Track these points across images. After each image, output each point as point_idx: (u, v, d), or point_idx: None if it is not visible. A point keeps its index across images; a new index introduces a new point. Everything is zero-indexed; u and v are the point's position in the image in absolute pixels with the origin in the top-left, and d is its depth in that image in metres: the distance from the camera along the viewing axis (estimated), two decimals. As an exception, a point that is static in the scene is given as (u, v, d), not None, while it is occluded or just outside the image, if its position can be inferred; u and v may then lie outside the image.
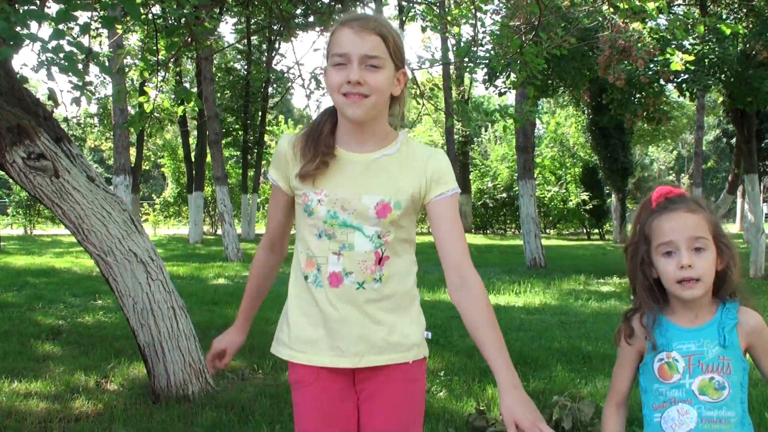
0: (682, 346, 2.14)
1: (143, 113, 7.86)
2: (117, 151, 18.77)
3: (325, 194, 2.26)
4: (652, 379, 2.19)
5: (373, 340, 2.27)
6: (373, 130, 2.30)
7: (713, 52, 13.00)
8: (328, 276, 2.26)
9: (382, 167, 2.29)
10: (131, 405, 5.08)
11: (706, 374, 2.10)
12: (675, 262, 2.10)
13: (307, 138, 2.31)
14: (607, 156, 28.68)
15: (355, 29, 2.18)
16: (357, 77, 2.16)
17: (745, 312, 2.17)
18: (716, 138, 59.66)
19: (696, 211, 2.13)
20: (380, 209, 2.24)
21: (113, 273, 4.91)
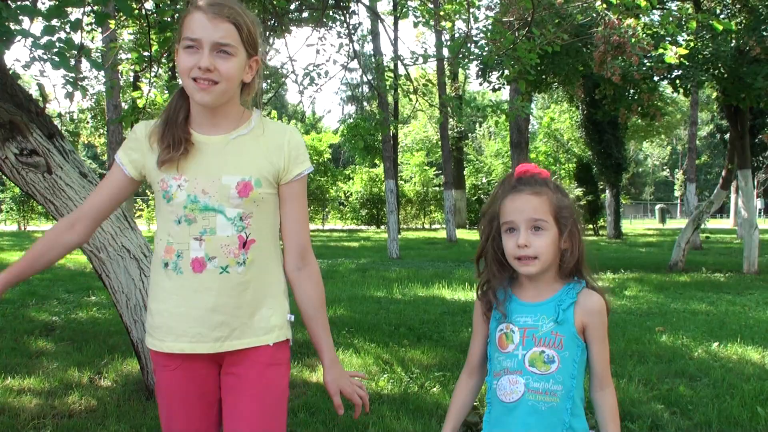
0: (520, 318, 2.25)
1: (136, 108, 7.85)
2: (110, 147, 18.77)
3: (184, 179, 2.26)
4: (494, 349, 2.30)
5: (234, 325, 2.29)
6: (225, 113, 2.31)
7: (707, 48, 13.01)
8: (191, 262, 2.26)
9: (239, 147, 2.31)
10: (124, 401, 5.08)
11: (538, 347, 2.21)
12: (514, 240, 2.22)
13: (164, 126, 2.31)
14: (601, 151, 28.70)
15: (208, 15, 2.18)
16: (207, 64, 2.17)
17: (586, 293, 2.28)
18: (710, 133, 59.82)
19: (540, 193, 2.23)
20: (242, 188, 2.26)
21: (106, 269, 4.90)
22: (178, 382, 2.34)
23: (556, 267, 2.28)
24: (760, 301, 10.42)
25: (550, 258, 2.23)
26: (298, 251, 2.37)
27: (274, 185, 2.33)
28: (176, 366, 2.33)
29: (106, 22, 6.38)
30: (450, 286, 11.75)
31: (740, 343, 7.10)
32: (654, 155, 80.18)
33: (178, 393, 2.35)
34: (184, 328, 2.28)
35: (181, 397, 2.35)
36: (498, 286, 2.31)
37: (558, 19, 10.66)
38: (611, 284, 12.49)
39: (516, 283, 2.33)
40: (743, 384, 5.57)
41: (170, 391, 2.37)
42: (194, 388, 2.35)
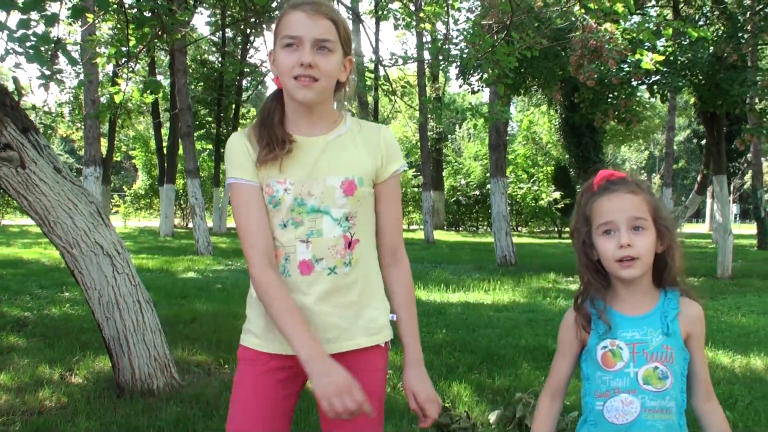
0: (626, 334, 2.14)
1: (113, 103, 7.80)
2: (87, 142, 18.59)
3: (290, 182, 2.24)
4: (595, 367, 2.17)
5: (343, 326, 2.27)
6: (321, 114, 2.30)
7: (685, 54, 13.12)
8: (299, 264, 2.24)
9: (340, 147, 2.30)
10: (95, 398, 5.05)
11: (650, 363, 2.10)
12: (614, 242, 2.11)
13: (260, 127, 2.29)
14: (579, 155, 28.90)
15: (308, 12, 2.18)
16: (309, 60, 2.16)
17: (685, 302, 2.19)
18: (687, 139, 60.29)
19: (636, 192, 2.14)
20: (347, 187, 2.25)
21: (79, 265, 4.87)
22: (262, 380, 2.30)
23: (650, 275, 2.19)
24: (732, 305, 10.51)
25: (650, 261, 2.15)
26: (393, 248, 2.38)
27: (372, 183, 2.33)
28: (266, 361, 2.29)
29: (85, 15, 6.33)
30: (426, 287, 11.76)
31: (711, 348, 7.15)
32: (632, 159, 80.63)
33: (259, 391, 2.30)
34: None
35: (260, 395, 2.30)
36: (595, 294, 2.20)
37: (537, 23, 10.71)
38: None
39: (610, 296, 2.21)
40: (713, 388, 5.61)
41: (254, 388, 2.31)
42: (276, 389, 2.31)
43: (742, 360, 6.69)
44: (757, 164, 28.64)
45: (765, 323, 8.83)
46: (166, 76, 32.38)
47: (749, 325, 8.71)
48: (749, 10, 13.89)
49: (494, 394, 5.34)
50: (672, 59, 12.85)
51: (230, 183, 2.29)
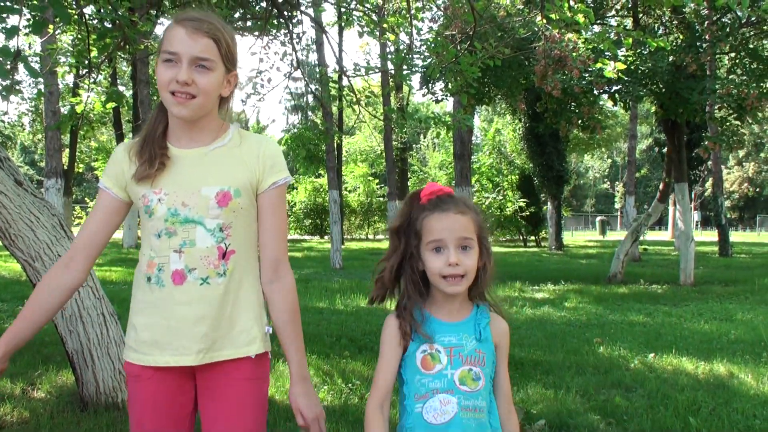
0: (444, 338, 2.24)
1: (74, 114, 7.72)
2: (49, 154, 18.40)
3: (164, 192, 2.28)
4: (415, 370, 2.25)
5: (215, 336, 2.29)
6: (202, 127, 2.33)
7: (645, 63, 13.28)
8: (171, 274, 2.27)
9: (216, 158, 2.33)
10: (58, 413, 4.99)
11: (465, 365, 2.22)
12: (443, 259, 2.21)
13: (143, 142, 2.33)
14: (543, 164, 29.04)
15: (188, 29, 2.20)
16: (185, 77, 2.19)
17: (494, 315, 2.35)
18: (649, 147, 61.01)
19: (465, 212, 2.26)
20: (221, 198, 2.27)
21: (41, 278, 4.81)
22: (154, 394, 2.33)
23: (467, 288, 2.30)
24: (695, 312, 10.64)
25: (473, 277, 2.26)
26: (272, 263, 2.35)
27: (252, 195, 2.34)
28: (150, 375, 2.31)
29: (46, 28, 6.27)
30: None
31: (675, 354, 7.23)
32: (595, 168, 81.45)
33: (151, 403, 2.33)
34: (168, 341, 2.28)
35: (153, 407, 2.34)
36: (414, 306, 2.28)
37: (500, 32, 10.79)
38: (552, 296, 12.63)
39: (428, 302, 2.32)
40: (677, 394, 5.68)
41: (143, 402, 2.35)
42: (168, 398, 2.33)
43: (705, 366, 6.76)
44: (717, 172, 29.02)
45: (727, 330, 8.95)
46: (128, 87, 32.13)
47: (711, 332, 8.81)
48: (707, 19, 14.10)
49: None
50: (633, 68, 13.00)
51: (99, 185, 2.41)
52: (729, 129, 14.93)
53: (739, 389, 5.98)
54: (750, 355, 7.32)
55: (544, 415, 5.03)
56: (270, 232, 2.36)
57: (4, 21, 4.39)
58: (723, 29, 13.68)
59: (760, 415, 5.19)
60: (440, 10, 11.65)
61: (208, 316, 2.27)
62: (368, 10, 9.59)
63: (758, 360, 7.05)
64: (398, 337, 2.27)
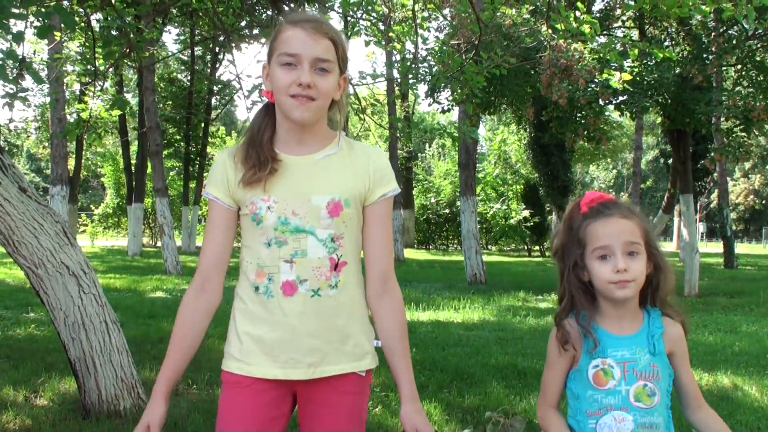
0: (617, 353, 2.18)
1: (80, 121, 7.74)
2: (54, 161, 18.46)
3: (273, 200, 2.21)
4: (586, 386, 2.20)
5: (326, 350, 2.22)
6: (314, 132, 2.27)
7: (651, 74, 13.28)
8: (281, 285, 2.20)
9: (327, 166, 2.26)
10: (60, 420, 4.97)
11: (640, 381, 2.15)
12: (611, 266, 2.15)
13: (248, 146, 2.26)
14: (548, 174, 29.05)
15: (308, 31, 2.15)
16: (308, 80, 2.13)
17: (667, 321, 2.24)
18: (655, 158, 60.95)
19: (630, 217, 2.19)
20: (332, 208, 2.21)
21: (44, 286, 4.81)
22: (249, 401, 2.24)
23: (638, 297, 2.23)
24: (699, 323, 10.59)
25: (642, 283, 2.19)
26: (381, 277, 2.29)
27: (359, 206, 2.28)
28: (249, 383, 2.24)
29: (51, 34, 6.29)
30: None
31: (679, 366, 7.19)
32: (600, 178, 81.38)
33: (243, 411, 2.25)
34: (276, 354, 2.21)
35: (244, 416, 2.24)
36: (582, 311, 2.24)
37: (506, 41, 10.80)
38: (556, 306, 12.57)
39: (596, 315, 2.26)
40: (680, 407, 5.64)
41: (238, 409, 2.25)
42: (264, 411, 2.25)
43: (709, 378, 6.73)
44: (723, 183, 28.98)
45: (731, 341, 8.91)
46: (134, 94, 32.22)
47: (716, 344, 8.77)
48: (713, 31, 14.11)
49: (464, 412, 5.33)
50: (639, 79, 13.00)
51: (205, 195, 2.34)
52: (735, 140, 14.91)
53: (744, 401, 5.95)
54: (755, 367, 7.28)
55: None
56: (379, 244, 2.31)
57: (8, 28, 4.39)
58: (729, 41, 13.69)
59: (765, 428, 5.16)
60: (446, 19, 11.68)
61: (320, 328, 2.21)
62: (374, 20, 9.61)
63: (763, 372, 7.01)
64: (557, 347, 2.26)
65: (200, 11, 8.91)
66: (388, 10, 10.51)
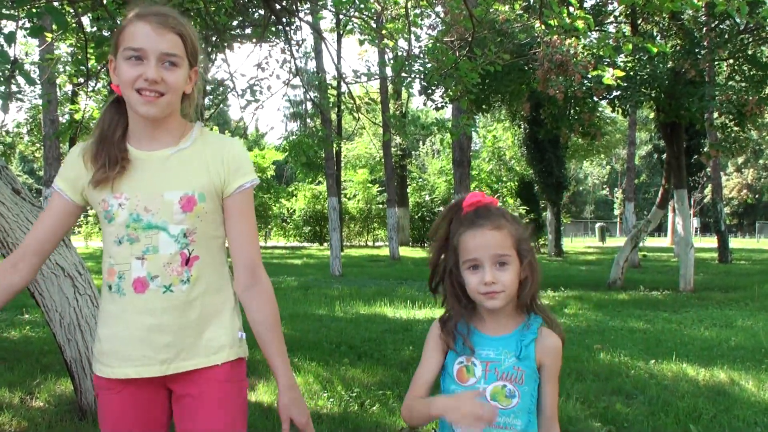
0: (482, 352, 2.22)
1: (73, 123, 7.71)
2: (47, 163, 18.45)
3: (125, 197, 2.20)
4: (450, 381, 2.24)
5: (181, 345, 2.21)
6: (166, 127, 2.26)
7: (644, 69, 13.29)
8: (133, 282, 2.19)
9: (180, 161, 2.25)
10: (57, 422, 4.97)
11: (500, 381, 2.18)
12: (479, 276, 2.18)
13: (98, 144, 2.25)
14: (542, 170, 29.04)
15: (153, 25, 2.13)
16: (155, 75, 2.11)
17: (547, 332, 2.25)
18: (648, 153, 61.13)
19: (501, 227, 2.20)
20: (185, 203, 2.20)
21: (39, 287, 4.79)
22: (123, 407, 2.24)
23: (515, 300, 2.25)
24: (695, 318, 10.62)
25: (513, 291, 2.21)
26: (247, 268, 2.27)
27: (217, 199, 2.26)
28: (120, 389, 2.23)
29: (43, 35, 6.27)
30: (392, 303, 11.76)
31: (675, 361, 7.21)
32: (594, 174, 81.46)
33: (123, 418, 2.25)
34: (129, 352, 2.20)
35: (125, 422, 2.25)
36: (458, 320, 2.26)
37: (500, 38, 10.78)
38: (551, 302, 12.61)
39: (475, 315, 2.28)
40: (678, 401, 5.66)
41: (114, 417, 2.26)
42: (140, 412, 2.25)
43: (706, 373, 6.75)
44: (716, 178, 29.05)
45: (727, 336, 8.93)
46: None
47: (712, 338, 8.79)
48: (705, 26, 14.12)
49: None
50: (632, 74, 13.00)
51: (52, 187, 2.33)
52: (729, 135, 14.92)
53: (740, 396, 5.96)
54: (751, 362, 7.30)
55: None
56: (241, 237, 2.29)
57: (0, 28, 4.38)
58: (721, 36, 13.71)
59: (761, 423, 5.17)
60: (438, 17, 11.66)
61: (172, 324, 2.19)
62: (367, 17, 9.59)
63: (759, 367, 7.03)
64: (440, 344, 2.27)
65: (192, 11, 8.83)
66: (380, 7, 10.49)
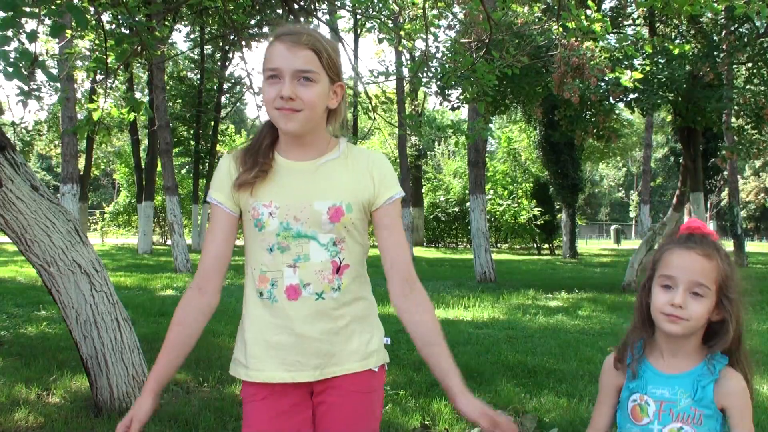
0: (656, 390, 2.13)
1: (91, 120, 7.75)
2: (65, 159, 18.54)
3: (275, 206, 2.23)
4: (626, 419, 2.18)
5: (332, 351, 2.24)
6: (312, 141, 2.28)
7: (662, 72, 13.24)
8: (285, 289, 2.22)
9: (329, 172, 2.28)
10: (73, 418, 4.99)
11: (675, 423, 2.09)
12: (669, 297, 2.07)
13: (247, 151, 2.30)
14: (558, 172, 28.98)
15: (287, 44, 2.16)
16: (289, 93, 2.14)
17: (729, 373, 2.12)
18: (665, 156, 60.78)
19: (711, 257, 2.09)
20: (333, 213, 2.22)
21: (56, 284, 4.82)
22: (269, 413, 2.26)
23: (699, 338, 2.14)
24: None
25: (699, 326, 2.10)
26: (403, 278, 2.29)
27: (364, 210, 2.29)
28: (265, 395, 2.26)
29: (63, 33, 6.31)
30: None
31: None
32: (610, 176, 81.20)
33: (269, 426, 2.26)
34: (282, 357, 2.23)
35: (268, 429, 2.26)
36: (636, 338, 2.20)
37: (517, 40, 10.77)
38: (565, 304, 12.56)
39: (653, 349, 2.19)
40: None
41: (260, 425, 2.27)
42: (285, 419, 2.26)
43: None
44: (733, 181, 28.89)
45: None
46: (144, 93, 32.30)
47: (727, 342, 8.74)
48: (724, 29, 14.05)
49: None
50: (650, 77, 12.96)
51: (209, 200, 2.37)
52: (747, 138, 14.84)
53: (756, 400, 5.91)
54: (766, 366, 7.25)
55: (557, 423, 5.01)
56: (396, 248, 2.30)
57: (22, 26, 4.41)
58: (740, 39, 13.64)
59: (778, 428, 5.15)
60: (455, 18, 11.67)
61: (325, 330, 2.23)
62: (384, 18, 9.60)
63: (775, 371, 6.99)
64: (613, 373, 2.23)
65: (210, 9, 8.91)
66: (398, 8, 10.50)
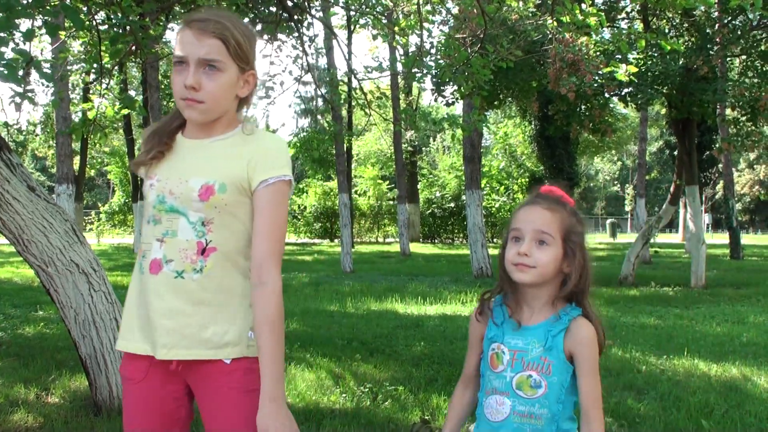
0: (512, 340, 2.25)
1: (86, 120, 7.75)
2: (60, 160, 18.50)
3: (157, 179, 2.25)
4: (486, 365, 2.30)
5: (183, 334, 2.18)
6: (215, 124, 2.28)
7: (656, 66, 13.25)
8: (150, 262, 2.21)
9: (212, 150, 2.25)
10: (72, 418, 5.00)
11: (526, 371, 2.21)
12: (517, 248, 2.22)
13: (154, 131, 2.32)
14: (553, 166, 29.04)
15: (194, 30, 2.14)
16: (192, 82, 2.13)
17: (579, 322, 2.23)
18: (660, 149, 60.91)
19: (554, 209, 2.24)
20: (203, 191, 2.18)
21: (54, 284, 4.83)
22: (143, 397, 2.25)
23: (555, 290, 2.26)
24: (706, 314, 10.60)
25: (547, 274, 2.22)
26: (256, 266, 2.18)
27: (243, 193, 2.22)
28: (140, 379, 2.24)
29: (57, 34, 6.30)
30: (403, 300, 11.77)
31: (687, 357, 7.21)
32: (605, 170, 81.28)
33: (141, 408, 2.26)
34: (139, 327, 2.23)
35: (142, 413, 2.26)
36: (497, 292, 2.33)
37: (512, 35, 10.78)
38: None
39: (513, 303, 2.30)
40: (689, 397, 5.66)
41: (132, 406, 2.28)
42: (154, 401, 2.25)
43: (718, 369, 6.74)
44: (728, 174, 28.91)
45: (739, 332, 8.91)
46: (138, 92, 32.23)
47: (723, 334, 8.78)
48: (717, 22, 14.06)
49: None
50: (644, 71, 12.97)
51: None
52: (742, 130, 14.86)
53: (753, 392, 5.96)
54: (763, 358, 7.29)
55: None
56: (257, 234, 2.20)
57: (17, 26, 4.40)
58: (734, 32, 13.65)
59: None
60: (450, 14, 11.67)
61: (177, 311, 2.17)
62: (378, 14, 9.60)
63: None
64: (476, 324, 2.37)
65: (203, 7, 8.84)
66: (392, 4, 10.50)
